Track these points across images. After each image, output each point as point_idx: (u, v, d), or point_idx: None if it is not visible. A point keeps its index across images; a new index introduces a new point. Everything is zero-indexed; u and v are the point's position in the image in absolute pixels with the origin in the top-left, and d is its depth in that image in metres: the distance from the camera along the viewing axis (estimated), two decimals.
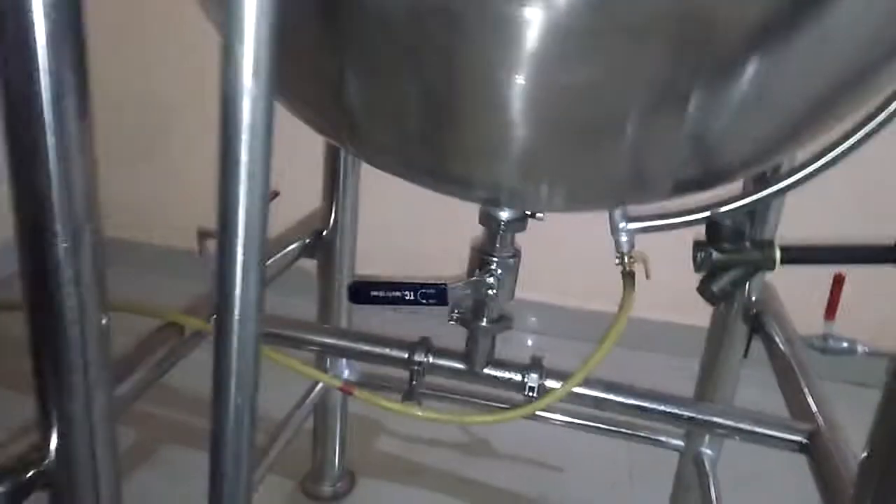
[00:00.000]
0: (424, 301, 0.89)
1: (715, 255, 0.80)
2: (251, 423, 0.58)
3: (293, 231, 1.35)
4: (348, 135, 0.81)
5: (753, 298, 1.24)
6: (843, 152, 0.81)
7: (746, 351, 1.27)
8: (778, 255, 0.80)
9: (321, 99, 0.75)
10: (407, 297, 0.89)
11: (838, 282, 1.28)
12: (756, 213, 1.12)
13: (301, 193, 1.38)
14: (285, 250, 1.28)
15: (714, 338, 1.29)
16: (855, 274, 1.33)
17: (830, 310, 1.28)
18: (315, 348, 1.09)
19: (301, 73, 0.72)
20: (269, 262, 1.24)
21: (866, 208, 2.03)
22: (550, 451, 1.75)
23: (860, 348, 1.26)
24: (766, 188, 0.86)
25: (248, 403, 0.56)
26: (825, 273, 1.26)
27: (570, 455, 1.74)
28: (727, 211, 0.83)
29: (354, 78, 0.68)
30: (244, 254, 0.51)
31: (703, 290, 0.83)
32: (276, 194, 1.55)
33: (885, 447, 0.59)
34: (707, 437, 1.32)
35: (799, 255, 0.81)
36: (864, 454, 0.62)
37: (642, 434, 1.38)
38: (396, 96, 0.67)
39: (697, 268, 0.82)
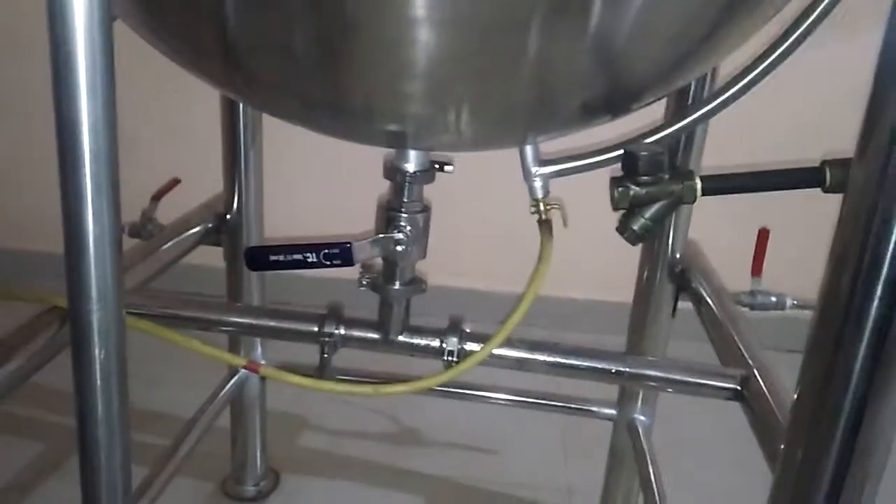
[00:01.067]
0: (328, 262, 0.82)
1: (633, 189, 0.75)
2: (121, 405, 0.50)
3: (194, 215, 1.27)
4: (242, 79, 0.75)
5: (678, 255, 1.20)
6: (758, 74, 0.77)
7: (674, 310, 1.23)
8: (699, 185, 0.76)
9: (206, 39, 0.68)
10: (309, 260, 0.82)
11: (763, 237, 1.25)
12: (679, 148, 1.09)
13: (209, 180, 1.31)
14: (183, 235, 1.20)
15: (641, 298, 1.25)
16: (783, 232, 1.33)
17: (756, 265, 1.25)
18: (222, 328, 1.00)
19: (183, 13, 0.65)
20: (165, 246, 1.16)
21: (793, 137, 2.00)
22: (483, 434, 1.70)
23: (789, 301, 1.24)
24: (682, 119, 0.82)
25: (117, 387, 0.49)
26: (751, 230, 1.24)
27: (504, 437, 1.70)
28: (646, 143, 0.78)
29: (234, 7, 0.61)
30: (94, 220, 0.43)
31: (623, 229, 0.78)
32: (176, 182, 1.48)
33: (814, 388, 0.54)
34: (639, 403, 1.28)
35: (720, 184, 0.76)
36: (794, 396, 0.58)
37: (574, 406, 1.34)
38: (283, 22, 0.60)
39: (615, 204, 0.76)
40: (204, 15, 0.62)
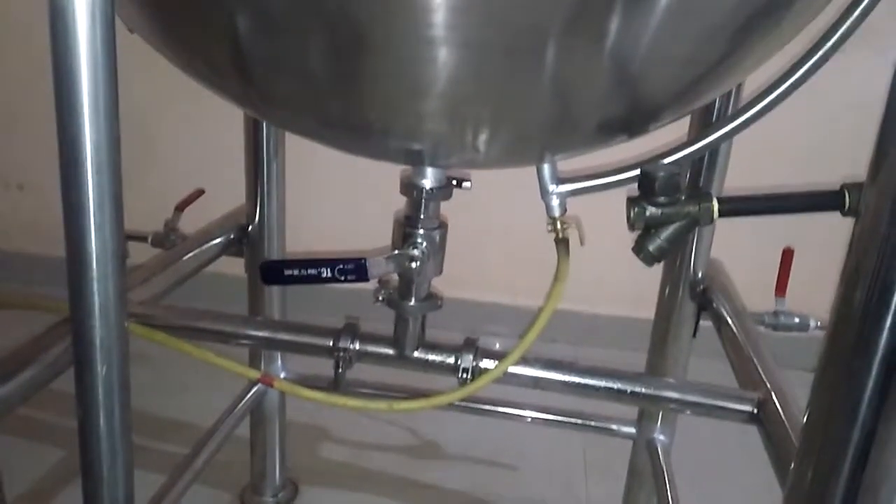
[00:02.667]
0: (343, 278, 0.82)
1: (649, 210, 0.74)
2: (123, 420, 0.50)
3: (216, 226, 1.28)
4: (258, 97, 0.75)
5: (700, 275, 1.19)
6: (782, 93, 0.76)
7: (696, 329, 1.22)
8: (716, 206, 0.75)
9: (221, 58, 0.69)
10: (324, 275, 0.82)
11: (787, 257, 1.24)
12: (702, 166, 1.08)
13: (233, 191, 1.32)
14: (205, 245, 1.20)
15: (662, 317, 1.23)
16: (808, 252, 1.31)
17: (780, 286, 1.23)
18: (237, 341, 1.01)
19: (199, 33, 0.66)
20: (187, 257, 1.17)
21: (816, 158, 1.97)
22: (503, 450, 1.69)
23: (812, 323, 1.22)
24: (705, 137, 0.82)
25: (119, 403, 0.49)
26: (775, 251, 1.23)
27: (524, 453, 1.69)
28: (663, 164, 0.77)
29: (252, 27, 0.61)
30: (97, 229, 0.44)
31: (639, 249, 0.77)
32: (200, 192, 1.49)
33: (825, 410, 0.53)
34: (659, 423, 1.27)
35: (737, 206, 0.75)
36: (804, 419, 0.57)
37: (593, 423, 1.33)
38: (299, 42, 0.61)
39: (631, 225, 0.76)
40: (219, 34, 0.63)
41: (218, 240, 1.25)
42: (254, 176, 1.27)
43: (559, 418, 1.31)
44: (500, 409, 1.30)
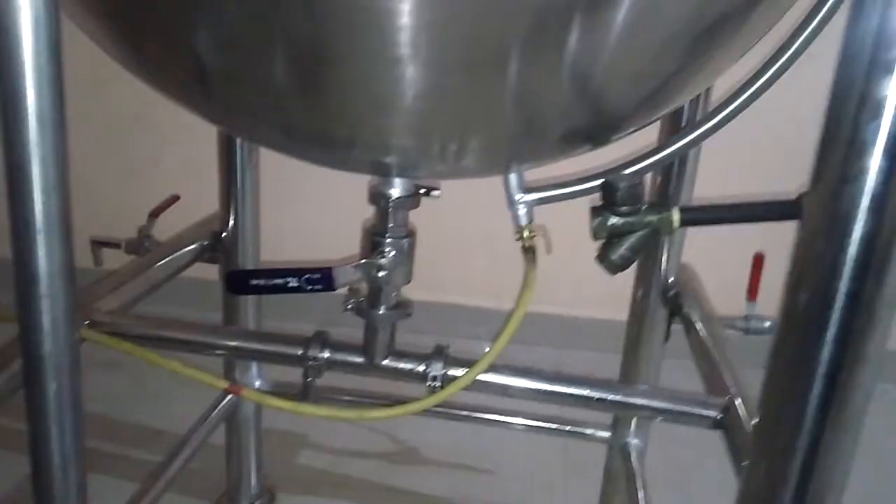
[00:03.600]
0: (310, 287, 0.83)
1: (611, 219, 0.75)
2: (74, 438, 0.50)
3: (190, 233, 1.28)
4: (219, 109, 0.76)
5: (671, 280, 1.20)
6: (750, 96, 0.77)
7: (667, 334, 1.22)
8: (677, 216, 0.76)
9: (187, 75, 0.69)
10: (290, 285, 0.83)
11: (758, 262, 1.25)
12: (670, 176, 1.09)
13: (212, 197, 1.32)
14: (177, 253, 1.20)
15: (634, 322, 1.24)
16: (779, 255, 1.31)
17: (752, 290, 1.24)
18: (206, 351, 1.00)
19: (161, 45, 0.66)
20: (159, 263, 1.17)
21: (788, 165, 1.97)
22: (483, 454, 1.69)
23: None
24: (673, 143, 0.82)
25: (70, 420, 0.49)
26: (748, 256, 1.24)
27: (504, 458, 1.69)
28: (625, 174, 0.78)
29: (211, 43, 0.62)
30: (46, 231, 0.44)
31: (602, 258, 0.78)
32: (175, 198, 1.49)
33: (772, 419, 0.54)
34: (633, 427, 1.28)
35: (699, 215, 0.76)
36: (755, 421, 0.58)
37: (568, 428, 1.33)
38: (260, 57, 0.61)
39: (594, 234, 0.77)
40: (180, 47, 0.63)
41: (191, 247, 1.25)
42: (227, 182, 1.27)
43: (534, 423, 1.32)
44: (475, 415, 1.31)
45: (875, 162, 0.47)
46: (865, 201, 0.47)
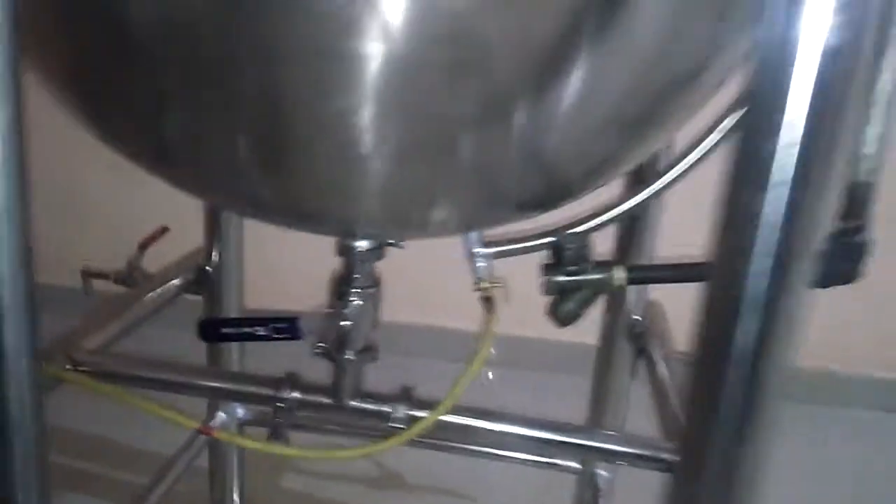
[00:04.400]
0: (277, 335, 0.87)
1: (559, 278, 0.80)
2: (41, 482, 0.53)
3: (176, 265, 1.32)
4: (193, 188, 0.80)
5: (638, 318, 1.24)
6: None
7: (633, 371, 1.26)
8: (623, 275, 0.80)
9: (156, 155, 0.74)
10: (258, 333, 0.87)
11: None
12: (631, 231, 1.13)
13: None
14: (164, 286, 1.25)
15: (602, 358, 1.28)
16: None
17: None
18: (180, 390, 1.04)
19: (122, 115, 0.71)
20: (146, 297, 1.21)
21: None
22: (464, 480, 1.72)
23: None
24: (632, 196, 0.86)
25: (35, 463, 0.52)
26: None
27: (484, 484, 1.72)
28: (573, 233, 0.82)
29: (171, 111, 0.66)
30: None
31: (551, 312, 0.82)
32: (164, 230, 1.52)
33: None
34: None
35: (643, 274, 0.81)
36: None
37: (540, 459, 1.37)
38: (224, 144, 0.65)
39: (545, 291, 0.81)
40: (145, 132, 0.68)
41: (176, 281, 1.29)
42: (212, 216, 1.31)
43: (503, 452, 1.35)
44: (445, 443, 1.33)
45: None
46: None
